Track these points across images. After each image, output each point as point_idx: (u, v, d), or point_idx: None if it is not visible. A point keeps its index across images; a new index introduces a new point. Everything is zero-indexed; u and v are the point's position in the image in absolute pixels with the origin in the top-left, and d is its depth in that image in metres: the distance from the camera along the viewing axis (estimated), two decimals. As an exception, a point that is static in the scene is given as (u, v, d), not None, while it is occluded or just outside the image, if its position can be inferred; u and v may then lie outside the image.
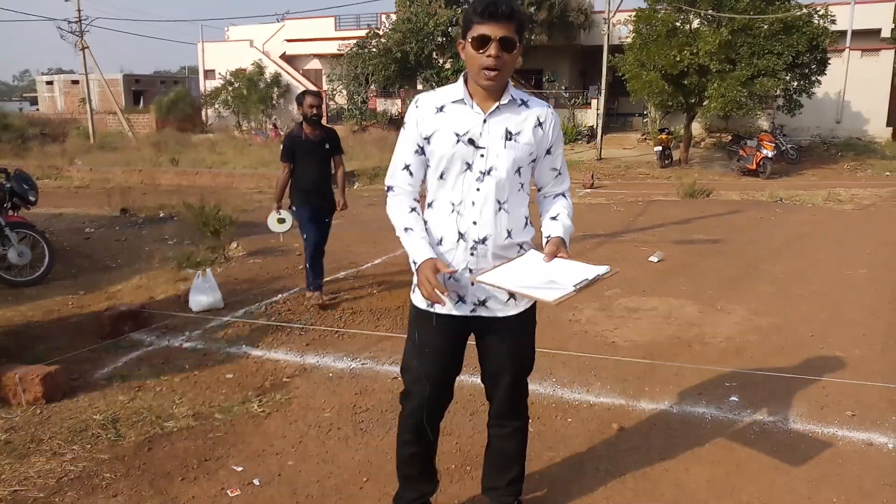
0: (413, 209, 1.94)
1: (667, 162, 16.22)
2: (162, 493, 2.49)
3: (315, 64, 27.93)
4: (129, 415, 3.09)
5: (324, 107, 4.84)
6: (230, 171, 15.11)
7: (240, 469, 2.65)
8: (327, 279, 5.55)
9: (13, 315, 4.82)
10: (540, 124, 1.93)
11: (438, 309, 1.96)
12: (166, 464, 2.68)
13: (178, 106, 27.85)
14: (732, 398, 3.23)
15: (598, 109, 19.04)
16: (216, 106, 26.68)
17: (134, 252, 6.91)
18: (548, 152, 1.98)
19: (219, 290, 4.79)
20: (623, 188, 12.82)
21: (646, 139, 19.52)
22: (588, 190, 12.46)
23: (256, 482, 2.56)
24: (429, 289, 1.80)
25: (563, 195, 2.07)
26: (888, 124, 18.79)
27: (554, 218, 2.02)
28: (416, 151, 1.93)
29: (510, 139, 1.88)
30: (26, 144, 21.12)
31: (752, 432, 2.91)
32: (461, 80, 1.90)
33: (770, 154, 14.13)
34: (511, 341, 2.03)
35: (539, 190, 2.08)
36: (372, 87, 22.35)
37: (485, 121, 1.87)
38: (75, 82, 32.88)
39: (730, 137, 17.19)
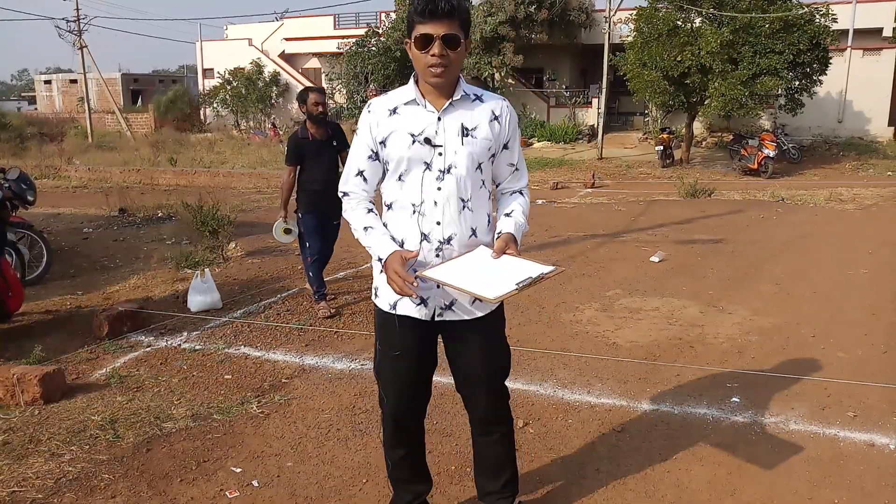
0: (370, 210, 1.92)
1: (668, 161, 16.20)
2: (160, 494, 2.48)
3: (314, 63, 27.91)
4: (127, 415, 3.07)
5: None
6: (228, 170, 15.12)
7: (238, 470, 2.64)
8: (327, 279, 5.54)
9: (11, 315, 4.80)
10: (496, 118, 1.90)
11: (402, 311, 1.92)
12: (165, 465, 2.67)
13: (177, 105, 27.83)
14: (734, 399, 3.22)
15: (599, 109, 19.03)
16: (215, 105, 26.65)
17: (132, 252, 6.89)
18: (505, 147, 1.95)
19: (217, 291, 4.77)
20: (624, 188, 12.81)
21: (647, 138, 19.50)
22: (589, 189, 12.45)
23: (255, 483, 2.55)
24: (399, 282, 1.76)
25: (521, 192, 2.04)
26: (890, 124, 18.77)
27: (508, 214, 1.98)
28: (370, 157, 1.90)
29: (467, 135, 1.86)
30: (24, 144, 21.12)
31: (753, 433, 2.90)
32: (412, 80, 1.88)
33: (772, 154, 14.11)
34: (482, 344, 1.98)
35: (497, 186, 2.06)
36: (371, 85, 22.31)
37: (439, 119, 1.84)
38: (73, 81, 32.89)
39: (731, 137, 17.18)
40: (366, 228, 1.89)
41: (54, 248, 6.33)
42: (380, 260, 1.84)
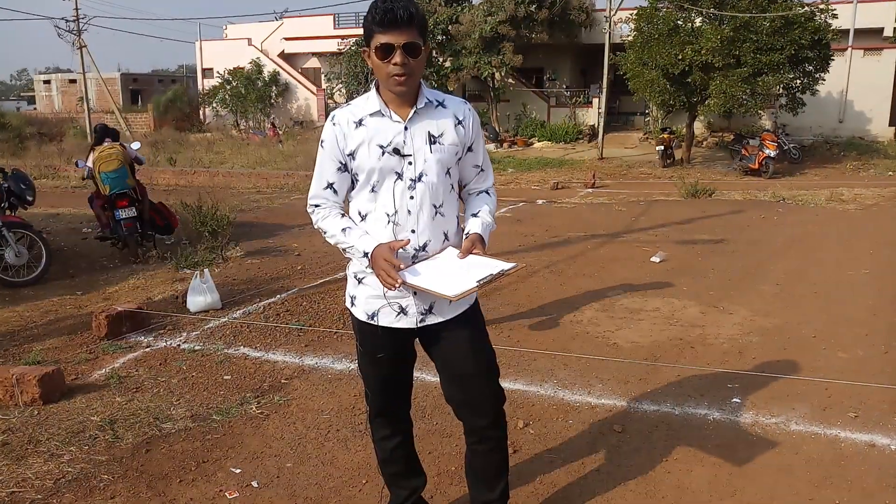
0: (343, 215, 1.94)
1: (669, 161, 16.19)
2: (160, 494, 2.47)
3: (314, 62, 27.92)
4: (126, 416, 3.07)
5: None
6: (228, 170, 15.12)
7: (238, 471, 2.64)
8: (325, 280, 5.54)
9: (10, 316, 4.80)
10: (460, 122, 1.92)
11: (383, 323, 1.93)
12: (164, 465, 2.66)
13: (176, 105, 27.86)
14: (734, 399, 3.21)
15: (599, 108, 19.02)
16: (214, 105, 26.64)
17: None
18: (469, 149, 1.97)
19: (216, 291, 4.76)
20: (625, 188, 12.80)
21: (647, 138, 19.49)
22: (590, 189, 12.43)
23: (255, 484, 2.55)
24: (387, 269, 1.77)
25: (487, 192, 2.06)
26: (891, 124, 18.76)
27: (475, 215, 2.00)
28: (339, 169, 1.90)
29: (434, 143, 1.87)
30: (24, 144, 21.13)
31: (754, 434, 2.89)
32: (373, 89, 1.88)
33: (772, 153, 14.09)
34: (467, 337, 1.97)
35: (463, 187, 2.07)
36: (371, 85, 22.31)
37: (406, 128, 1.85)
38: (73, 81, 32.88)
39: (732, 137, 17.16)
40: (344, 230, 1.89)
41: (53, 248, 6.32)
42: (365, 255, 1.84)
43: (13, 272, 5.66)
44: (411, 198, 1.86)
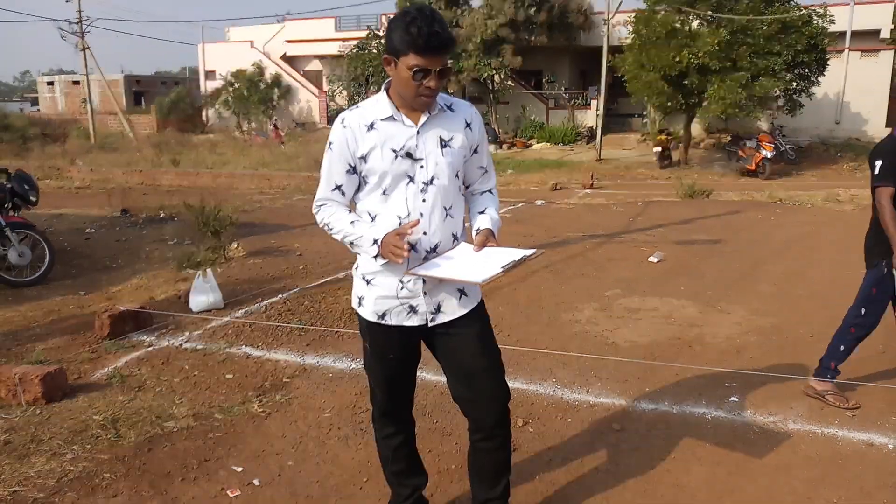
0: (350, 212, 1.96)
1: (666, 163, 16.22)
2: (162, 493, 2.49)
3: (315, 65, 27.96)
4: (129, 415, 3.08)
5: None
6: (231, 171, 15.15)
7: (240, 469, 2.66)
8: (327, 279, 5.56)
9: (13, 315, 4.82)
10: (468, 125, 1.96)
11: (394, 322, 1.96)
12: (166, 464, 2.68)
13: (179, 106, 27.90)
14: (732, 398, 3.23)
15: (597, 110, 19.05)
16: (217, 107, 26.69)
17: (134, 252, 6.91)
18: (475, 151, 2.01)
19: (219, 291, 4.78)
20: (623, 189, 12.82)
21: (645, 140, 19.52)
22: (588, 190, 12.45)
23: (256, 482, 2.57)
24: (398, 243, 1.79)
25: (490, 192, 2.10)
26: (887, 125, 18.73)
27: (482, 212, 2.04)
28: (348, 171, 1.91)
29: (445, 146, 1.91)
30: (27, 145, 21.18)
31: (752, 433, 2.91)
32: (384, 93, 1.89)
33: (769, 154, 14.13)
34: (476, 334, 2.00)
35: (467, 188, 2.10)
36: (373, 87, 22.37)
37: (418, 132, 1.88)
38: (76, 83, 32.92)
39: (729, 138, 17.20)
40: (353, 222, 1.91)
41: (57, 248, 6.34)
42: (375, 242, 1.86)
43: (16, 272, 5.69)
44: (423, 200, 1.89)
